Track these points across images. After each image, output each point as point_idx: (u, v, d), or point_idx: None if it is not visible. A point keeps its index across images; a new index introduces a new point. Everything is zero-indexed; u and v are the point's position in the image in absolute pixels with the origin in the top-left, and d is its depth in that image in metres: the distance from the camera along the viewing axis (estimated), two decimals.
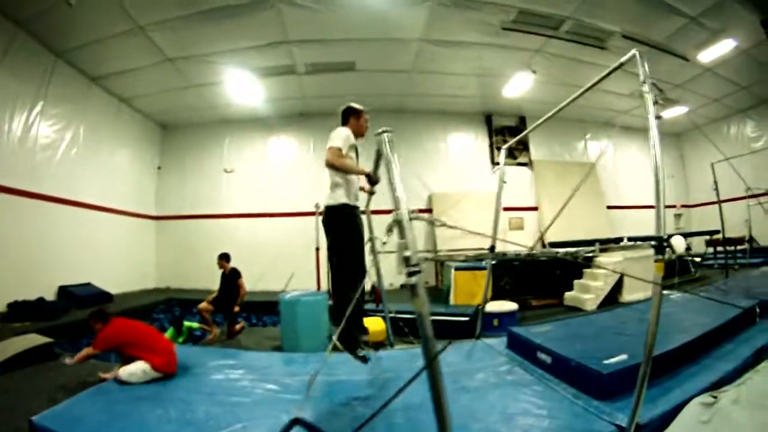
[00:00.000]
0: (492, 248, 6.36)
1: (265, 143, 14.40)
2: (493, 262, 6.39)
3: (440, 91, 13.39)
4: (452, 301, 9.29)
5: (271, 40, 9.92)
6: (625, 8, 9.32)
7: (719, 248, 12.15)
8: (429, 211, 14.18)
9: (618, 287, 9.31)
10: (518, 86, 12.69)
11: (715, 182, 10.25)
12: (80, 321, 7.33)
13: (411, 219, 2.65)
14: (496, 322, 7.26)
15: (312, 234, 9.78)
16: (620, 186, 16.36)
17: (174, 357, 4.94)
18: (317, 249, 9.80)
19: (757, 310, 5.71)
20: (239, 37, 9.80)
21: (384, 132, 3.16)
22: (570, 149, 16.31)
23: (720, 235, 12.02)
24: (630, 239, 10.97)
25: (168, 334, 7.64)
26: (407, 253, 2.51)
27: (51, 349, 6.13)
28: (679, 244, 9.89)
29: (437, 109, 14.70)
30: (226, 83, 11.63)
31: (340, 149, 4.14)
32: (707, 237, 13.20)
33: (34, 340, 6.24)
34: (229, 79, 11.42)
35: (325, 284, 10.00)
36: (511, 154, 15.34)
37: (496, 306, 7.74)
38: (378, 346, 6.35)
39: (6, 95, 8.79)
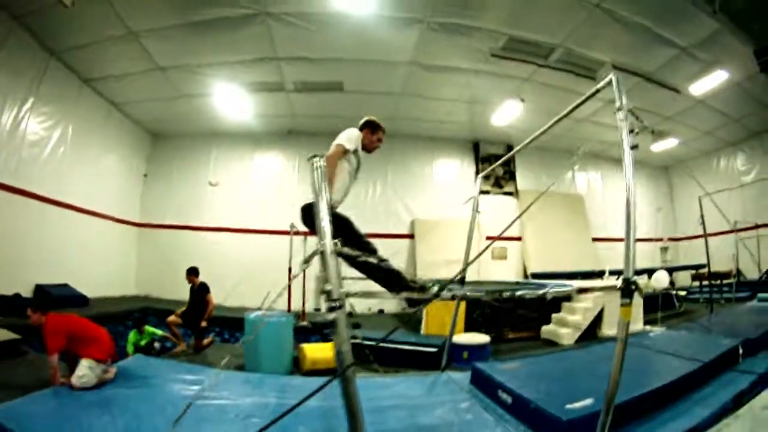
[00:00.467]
0: (462, 280, 6.30)
1: (251, 158, 14.30)
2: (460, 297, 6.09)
3: (429, 116, 13.39)
4: (423, 330, 9.06)
5: (260, 55, 9.91)
6: (616, 38, 9.30)
7: (705, 282, 12.03)
8: (411, 236, 14.12)
9: (598, 321, 9.05)
10: (507, 114, 12.65)
11: (702, 216, 10.13)
12: None
13: (334, 252, 2.74)
14: (465, 354, 6.96)
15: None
16: (608, 218, 16.21)
17: (110, 342, 5.10)
18: (289, 269, 9.68)
19: (740, 349, 5.52)
20: (229, 50, 9.79)
21: (314, 156, 3.14)
22: (558, 180, 15.98)
23: (706, 270, 12.09)
24: (612, 272, 11.10)
25: (130, 337, 7.74)
26: (328, 287, 2.56)
27: (18, 346, 6.24)
28: (662, 279, 9.75)
29: (426, 134, 14.68)
30: (215, 96, 11.58)
31: (343, 147, 4.21)
32: (693, 271, 13.23)
33: (1, 335, 6.32)
34: (218, 92, 11.38)
35: (297, 305, 10.00)
36: (498, 183, 15.41)
37: (466, 338, 7.44)
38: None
39: None
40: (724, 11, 8.08)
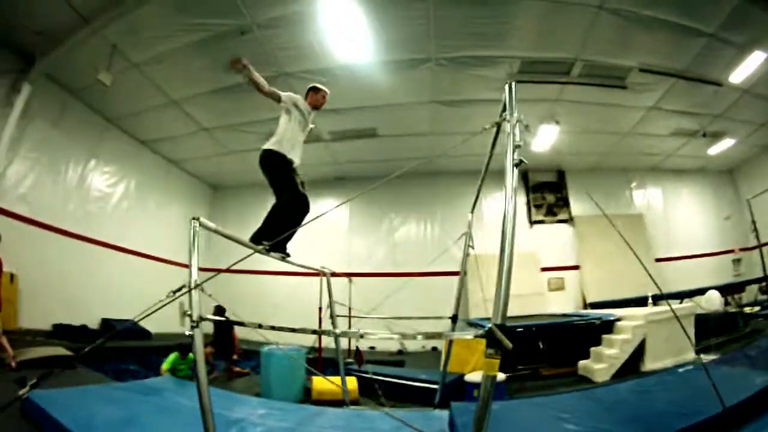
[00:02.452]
0: (454, 317, 6.34)
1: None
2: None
3: (467, 151, 13.04)
4: (442, 367, 8.94)
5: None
6: (634, 39, 8.81)
7: None
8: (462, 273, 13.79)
9: (640, 354, 8.31)
10: (546, 139, 12.27)
11: (753, 222, 9.61)
12: (111, 348, 8.91)
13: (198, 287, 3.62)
14: (476, 392, 6.86)
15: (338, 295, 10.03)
16: (671, 235, 15.37)
17: None
18: (319, 309, 9.98)
19: None
20: (261, 109, 10.23)
21: (192, 219, 3.84)
22: (614, 201, 15.45)
23: None
24: (655, 297, 10.44)
25: (171, 357, 8.00)
26: (188, 311, 3.45)
27: (71, 362, 7.03)
28: (713, 299, 9.12)
29: (470, 168, 14.19)
30: (259, 150, 12.12)
31: (279, 95, 5.30)
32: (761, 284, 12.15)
33: (57, 350, 7.33)
34: (261, 147, 11.94)
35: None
36: (551, 211, 14.99)
37: (478, 376, 7.31)
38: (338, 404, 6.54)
39: (61, 152, 10.21)
40: None
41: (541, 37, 8.72)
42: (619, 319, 8.99)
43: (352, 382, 7.39)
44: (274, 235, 4.71)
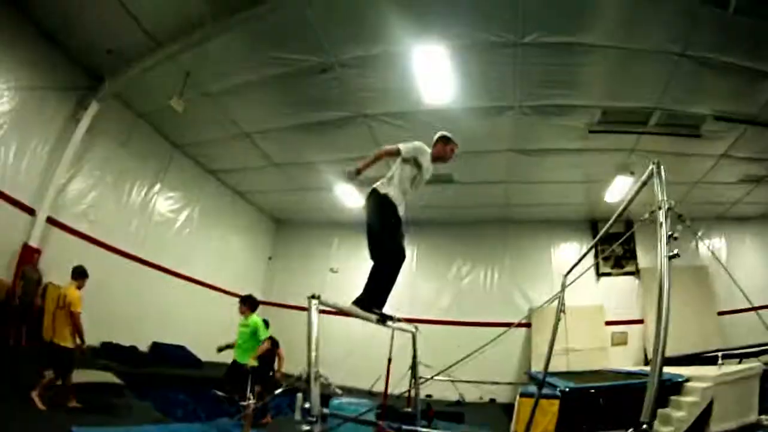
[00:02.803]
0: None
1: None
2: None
3: (539, 200, 13.25)
4: (513, 427, 8.76)
5: (365, 152, 10.46)
6: (711, 85, 8.63)
7: None
8: (528, 325, 13.66)
9: (707, 416, 7.97)
10: (620, 190, 12.05)
11: None
12: (160, 374, 9.12)
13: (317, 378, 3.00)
14: None
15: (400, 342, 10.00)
16: (735, 287, 14.77)
17: None
18: (389, 360, 9.83)
19: None
20: (336, 148, 10.56)
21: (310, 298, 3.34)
22: (681, 252, 14.93)
23: None
24: (725, 356, 10.10)
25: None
26: (307, 405, 2.86)
27: (121, 391, 7.27)
28: None
29: (540, 218, 14.47)
30: (331, 190, 12.31)
31: (398, 149, 4.91)
32: None
33: (107, 377, 7.49)
34: (333, 186, 12.12)
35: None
36: (618, 263, 14.73)
37: None
38: None
39: (126, 173, 10.52)
40: None
41: (621, 85, 8.69)
42: (687, 380, 8.81)
43: None
44: (380, 294, 4.54)
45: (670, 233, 3.11)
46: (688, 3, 6.78)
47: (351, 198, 12.61)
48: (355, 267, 13.97)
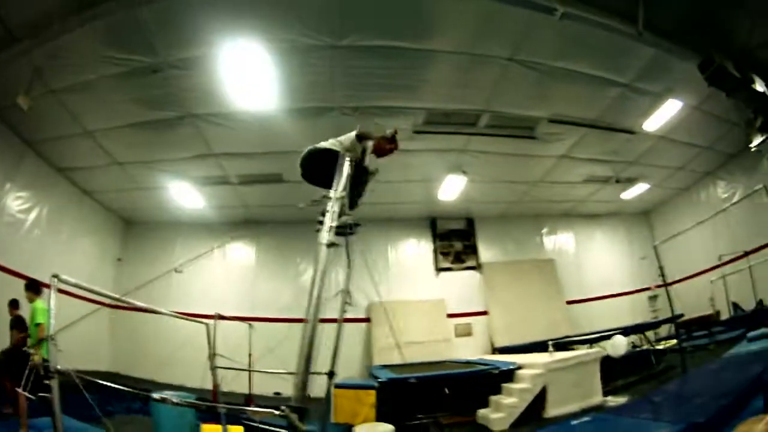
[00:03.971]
0: (330, 374, 6.23)
1: (212, 247, 13.99)
2: None
3: (377, 198, 12.98)
4: (332, 418, 8.72)
5: (199, 152, 10.30)
6: (544, 90, 8.95)
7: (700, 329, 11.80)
8: (367, 320, 13.80)
9: (542, 401, 8.39)
10: (452, 189, 12.42)
11: (660, 267, 9.68)
12: None
13: None
14: None
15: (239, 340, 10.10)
16: (583, 278, 15.81)
17: None
18: (213, 355, 9.68)
19: None
20: (171, 148, 10.25)
21: None
22: (525, 247, 15.87)
23: (686, 318, 11.78)
24: (573, 342, 10.61)
25: None
26: None
27: None
28: (618, 344, 9.30)
29: (380, 216, 14.53)
30: (170, 189, 12.00)
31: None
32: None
33: None
34: (172, 186, 11.83)
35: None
36: (459, 258, 15.19)
37: (366, 428, 7.26)
38: None
39: None
40: (652, 30, 7.40)
41: (448, 88, 8.79)
42: (519, 368, 9.09)
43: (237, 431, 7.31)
44: None
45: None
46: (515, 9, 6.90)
47: (189, 198, 12.42)
48: (198, 267, 13.73)
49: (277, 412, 2.78)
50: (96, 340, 13.29)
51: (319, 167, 4.53)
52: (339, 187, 3.91)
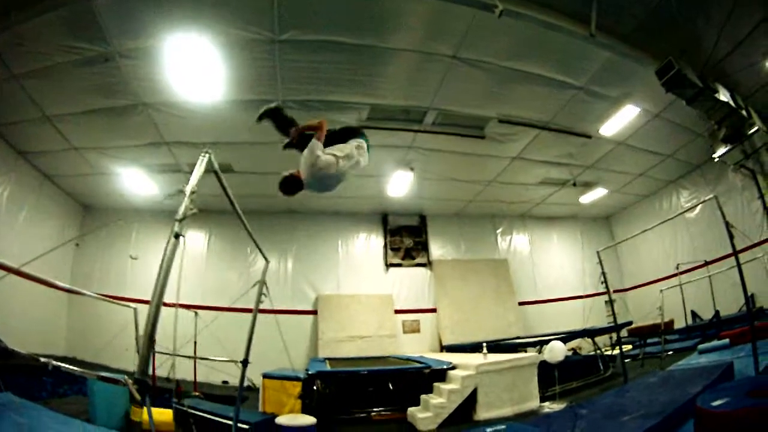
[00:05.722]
0: (245, 361, 6.37)
1: (167, 235, 14.41)
2: None
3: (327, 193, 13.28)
4: (261, 407, 8.89)
5: (151, 140, 10.30)
6: (492, 89, 8.94)
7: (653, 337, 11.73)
8: (314, 312, 13.84)
9: (472, 403, 8.32)
10: (401, 185, 12.47)
11: (603, 273, 9.58)
12: None
13: None
14: None
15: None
16: (538, 279, 16.00)
17: None
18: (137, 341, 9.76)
19: None
20: (125, 135, 10.25)
21: None
22: (479, 246, 15.96)
23: (636, 325, 11.96)
24: (524, 344, 10.63)
25: None
26: None
27: None
28: (556, 349, 9.23)
29: (331, 209, 14.69)
30: (125, 175, 12.02)
31: None
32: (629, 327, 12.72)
33: None
34: (125, 172, 11.86)
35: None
36: (409, 254, 15.24)
37: (287, 419, 7.15)
38: None
39: None
40: (607, 33, 7.44)
41: (393, 85, 8.81)
42: (453, 368, 9.06)
43: (167, 415, 7.38)
44: None
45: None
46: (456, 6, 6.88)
47: (144, 185, 12.46)
48: (153, 253, 13.76)
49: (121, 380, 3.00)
50: (53, 325, 13.37)
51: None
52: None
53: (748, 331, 7.20)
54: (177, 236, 3.53)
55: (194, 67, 8.08)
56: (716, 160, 10.37)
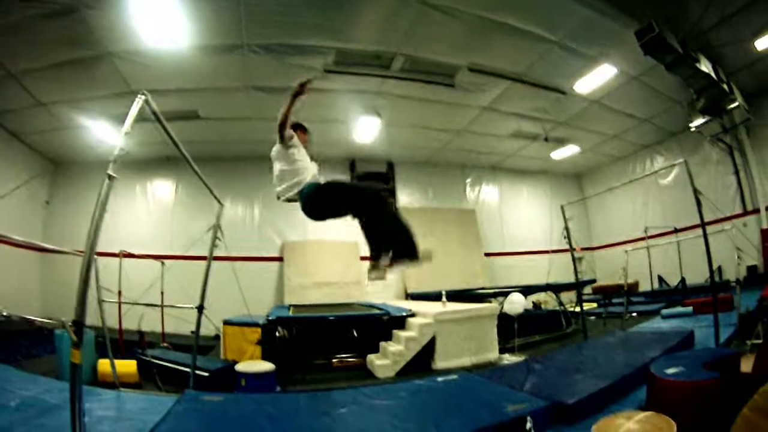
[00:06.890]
0: (200, 307, 6.45)
1: (138, 184, 14.49)
2: None
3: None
4: (222, 355, 8.96)
5: (118, 90, 10.11)
6: (463, 38, 8.76)
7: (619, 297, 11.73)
8: (280, 259, 13.89)
9: (431, 352, 8.36)
10: (368, 131, 12.32)
11: (566, 228, 9.53)
12: None
13: None
14: (243, 381, 6.86)
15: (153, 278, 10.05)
16: (505, 232, 16.18)
17: None
18: (119, 292, 9.81)
19: (530, 424, 4.02)
20: (92, 86, 10.12)
21: None
22: (447, 195, 15.98)
23: (600, 284, 12.03)
24: (489, 295, 10.82)
25: None
26: None
27: None
28: (516, 302, 9.35)
29: None
30: (93, 127, 11.89)
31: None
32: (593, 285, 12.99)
33: None
34: (94, 125, 11.73)
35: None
36: None
37: (246, 365, 7.17)
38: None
39: None
40: None
41: (361, 29, 8.68)
42: (412, 315, 9.13)
43: (131, 366, 7.46)
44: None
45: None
46: None
47: (112, 136, 11.95)
48: (126, 208, 14.03)
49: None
50: (26, 285, 13.39)
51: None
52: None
53: (711, 302, 7.26)
54: (110, 177, 3.54)
55: (158, 13, 7.93)
56: (693, 130, 10.53)
